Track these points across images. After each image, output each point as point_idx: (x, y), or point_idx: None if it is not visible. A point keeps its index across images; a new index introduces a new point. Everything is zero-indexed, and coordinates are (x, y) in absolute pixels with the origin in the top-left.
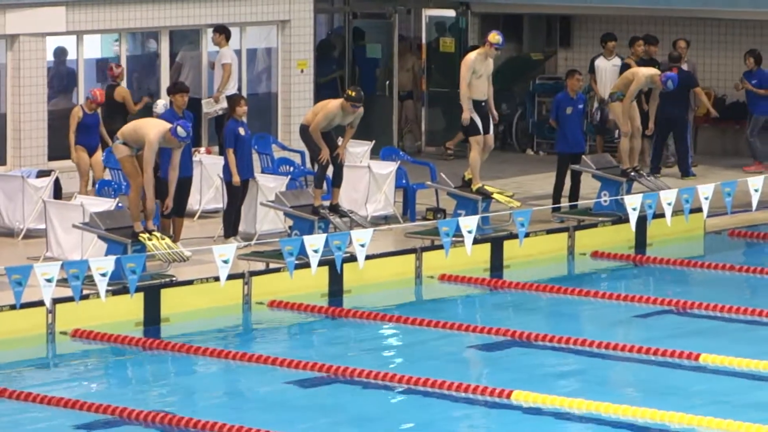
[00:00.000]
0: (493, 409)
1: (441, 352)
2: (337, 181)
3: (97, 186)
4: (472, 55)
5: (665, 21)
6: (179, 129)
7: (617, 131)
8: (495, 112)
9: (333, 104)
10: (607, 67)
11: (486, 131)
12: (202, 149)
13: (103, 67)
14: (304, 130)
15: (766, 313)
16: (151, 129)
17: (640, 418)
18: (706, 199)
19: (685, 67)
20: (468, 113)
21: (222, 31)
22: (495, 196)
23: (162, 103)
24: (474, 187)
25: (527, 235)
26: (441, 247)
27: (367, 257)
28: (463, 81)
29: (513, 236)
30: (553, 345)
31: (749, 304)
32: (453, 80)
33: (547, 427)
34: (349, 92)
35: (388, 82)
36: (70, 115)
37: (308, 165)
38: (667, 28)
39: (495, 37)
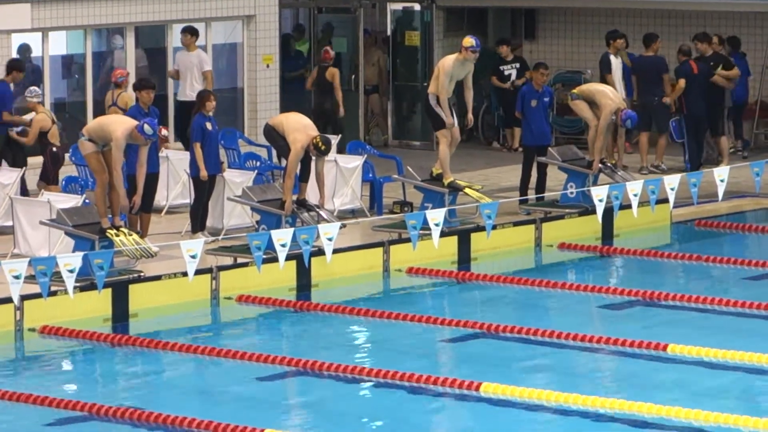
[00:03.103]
0: (462, 402)
1: (410, 345)
2: (304, 175)
3: (63, 182)
4: (449, 61)
5: (629, 13)
6: (146, 127)
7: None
8: (471, 116)
9: (303, 142)
10: (618, 65)
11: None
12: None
13: (68, 64)
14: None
15: (732, 303)
16: (118, 126)
17: (609, 409)
18: (672, 189)
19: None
20: (444, 112)
21: (193, 33)
22: (466, 190)
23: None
24: (446, 182)
25: (494, 227)
26: (408, 240)
27: (335, 251)
28: (434, 83)
29: (480, 229)
30: (521, 337)
31: (716, 294)
32: (418, 74)
33: (517, 418)
34: (319, 144)
35: (353, 76)
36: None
37: (275, 160)
38: (630, 20)
39: (468, 40)
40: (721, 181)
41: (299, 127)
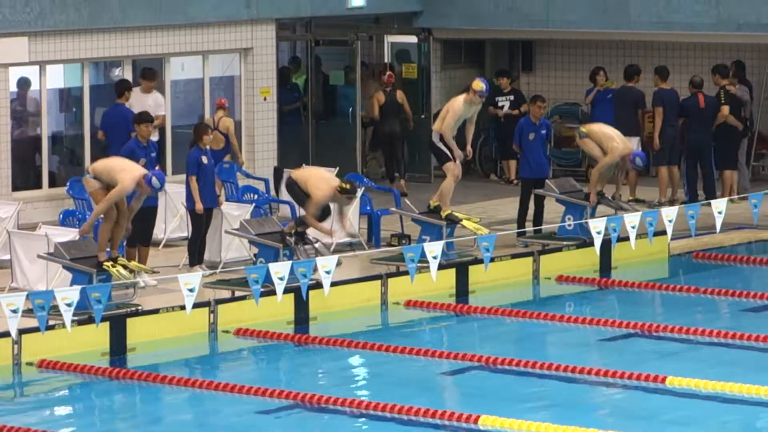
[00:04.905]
0: None
1: (408, 378)
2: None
3: (61, 216)
4: (459, 103)
5: (625, 45)
6: (154, 180)
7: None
8: (470, 148)
9: (326, 192)
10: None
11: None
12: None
13: (65, 97)
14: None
15: (731, 335)
16: (127, 175)
17: None
18: (670, 221)
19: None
20: (451, 147)
21: (148, 77)
22: (464, 222)
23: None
24: (444, 214)
25: (492, 260)
26: (406, 273)
27: (333, 284)
28: (440, 121)
29: (478, 261)
30: (519, 369)
31: (714, 326)
32: (416, 106)
33: None
34: (344, 185)
35: (351, 109)
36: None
37: (272, 193)
38: (628, 52)
39: (479, 84)
40: (719, 213)
41: (322, 181)
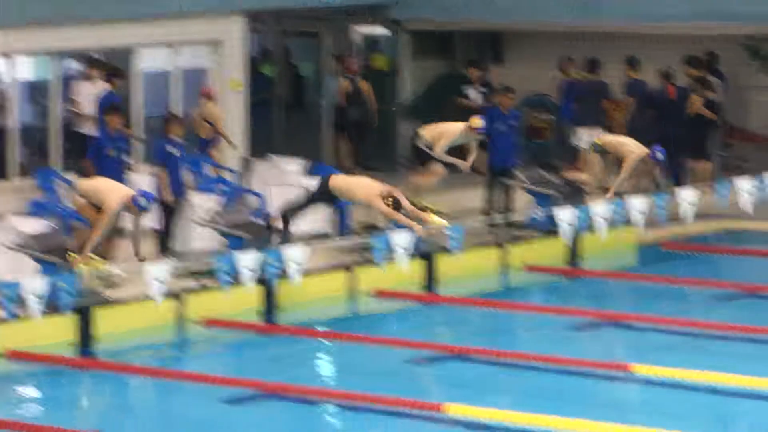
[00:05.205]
0: (428, 423)
1: (376, 367)
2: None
3: (28, 206)
4: (456, 130)
5: (594, 37)
6: (141, 200)
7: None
8: (469, 161)
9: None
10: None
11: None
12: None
13: (34, 89)
14: None
15: (699, 324)
16: (114, 195)
17: (574, 429)
18: (639, 211)
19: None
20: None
21: (95, 65)
22: (431, 215)
23: None
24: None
25: (461, 249)
26: (375, 263)
27: (302, 274)
28: (431, 135)
29: (447, 251)
30: (487, 359)
31: (682, 315)
32: (385, 97)
33: None
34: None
35: (320, 100)
36: None
37: (242, 183)
38: (597, 44)
39: (476, 122)
40: (688, 203)
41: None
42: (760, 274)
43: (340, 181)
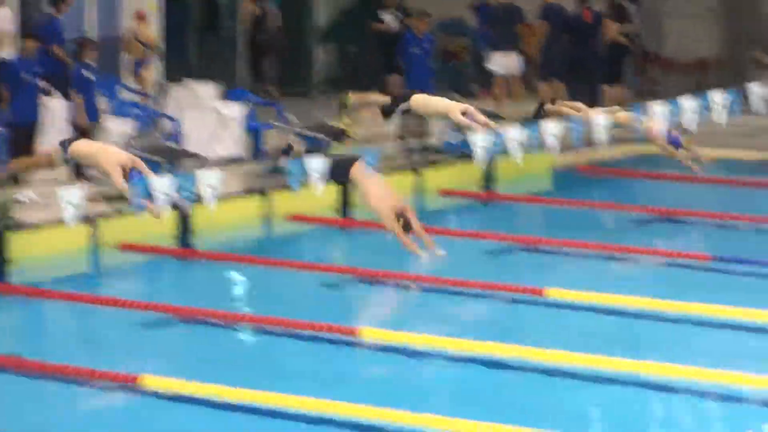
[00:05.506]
0: (341, 347)
1: (291, 291)
2: None
3: None
4: (438, 107)
5: None
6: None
7: None
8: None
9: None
10: None
11: None
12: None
13: None
14: None
15: (613, 248)
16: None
17: (484, 353)
18: (554, 136)
19: None
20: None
21: None
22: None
23: None
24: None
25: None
26: (290, 187)
27: (217, 198)
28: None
29: None
30: (400, 282)
31: (597, 239)
32: (301, 22)
33: (396, 363)
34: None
35: (232, 23)
36: None
37: (157, 107)
38: None
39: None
40: (603, 126)
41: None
42: (674, 198)
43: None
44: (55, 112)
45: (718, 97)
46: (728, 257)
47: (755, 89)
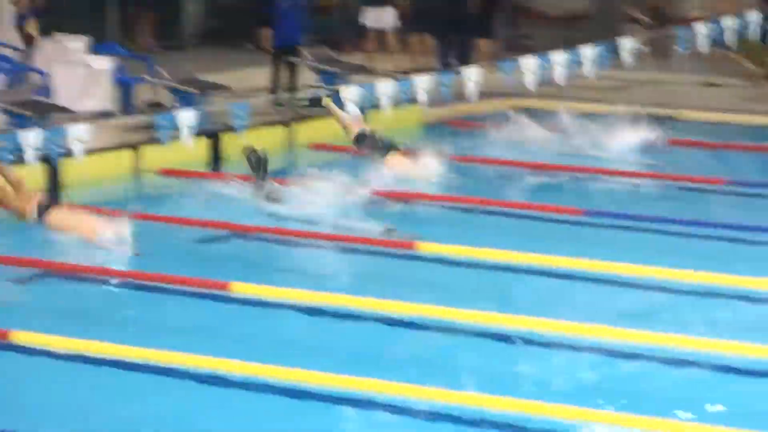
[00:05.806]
0: (211, 302)
1: (162, 246)
2: None
3: None
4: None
5: None
6: None
7: None
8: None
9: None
10: None
11: None
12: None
13: None
14: None
15: (483, 202)
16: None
17: (361, 308)
18: (424, 90)
19: None
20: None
21: None
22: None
23: None
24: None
25: (246, 128)
26: (160, 141)
27: (86, 152)
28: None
29: (232, 129)
30: (269, 236)
31: (464, 192)
32: None
33: (265, 317)
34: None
35: None
36: None
37: (26, 61)
38: None
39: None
40: (473, 81)
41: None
42: (544, 153)
43: None
44: None
45: (588, 51)
46: (596, 211)
47: (625, 43)
